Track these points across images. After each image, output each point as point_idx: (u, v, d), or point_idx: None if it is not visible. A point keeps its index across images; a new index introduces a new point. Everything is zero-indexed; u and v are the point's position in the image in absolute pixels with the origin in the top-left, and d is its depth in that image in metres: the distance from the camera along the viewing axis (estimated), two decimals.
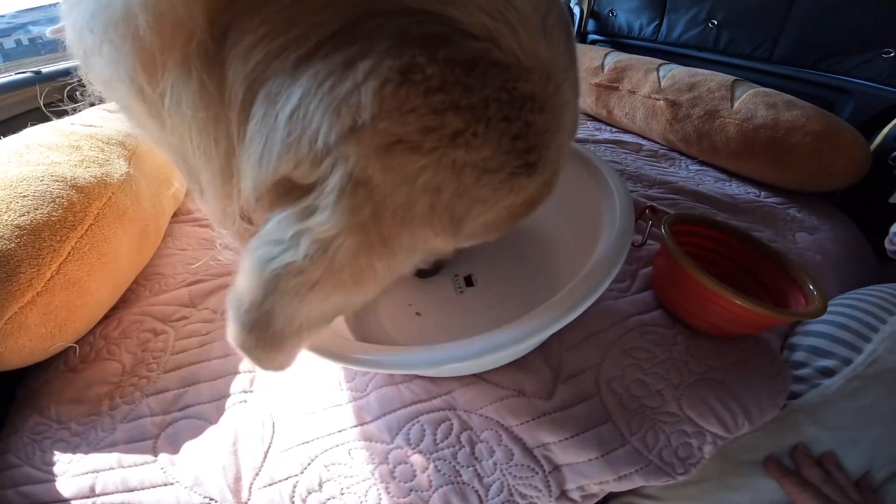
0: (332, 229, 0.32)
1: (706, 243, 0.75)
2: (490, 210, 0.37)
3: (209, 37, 0.34)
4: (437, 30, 0.30)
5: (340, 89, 0.30)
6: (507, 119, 0.33)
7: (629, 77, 1.66)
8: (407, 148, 0.31)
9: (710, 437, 0.60)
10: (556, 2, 0.36)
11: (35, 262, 0.60)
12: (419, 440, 0.58)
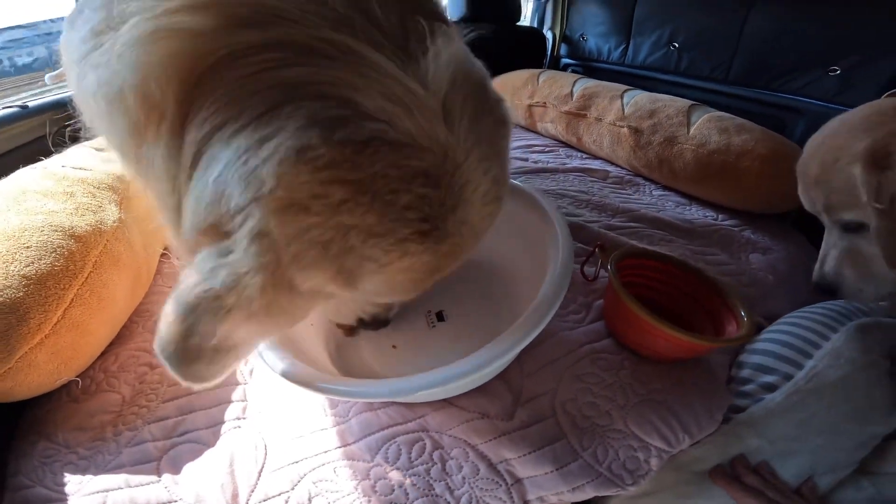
0: (244, 267, 0.40)
1: (652, 274, 0.84)
2: (386, 269, 0.42)
3: (176, 115, 0.42)
4: (341, 113, 0.37)
5: (251, 163, 0.38)
6: (395, 192, 0.39)
7: (596, 104, 1.75)
8: (299, 209, 0.38)
9: (655, 451, 0.68)
10: (465, 88, 0.41)
11: (42, 308, 0.67)
12: (396, 458, 0.65)
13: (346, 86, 0.38)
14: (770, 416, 0.80)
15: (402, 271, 0.43)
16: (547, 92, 2.00)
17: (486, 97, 0.45)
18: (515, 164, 1.67)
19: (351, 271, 0.42)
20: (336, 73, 0.38)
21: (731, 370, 0.90)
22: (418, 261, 0.43)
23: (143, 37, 0.41)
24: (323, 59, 0.38)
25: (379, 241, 0.40)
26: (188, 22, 0.40)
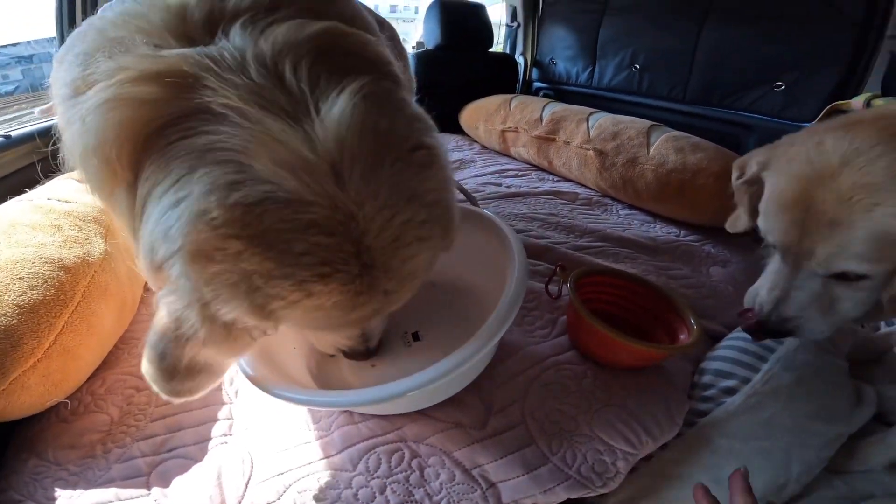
0: (181, 304, 0.48)
1: (612, 290, 0.90)
2: (297, 306, 0.48)
3: (130, 174, 0.50)
4: (237, 178, 0.43)
5: (169, 222, 0.45)
6: (289, 241, 0.44)
7: (564, 128, 1.83)
8: (207, 259, 0.45)
9: (621, 454, 0.73)
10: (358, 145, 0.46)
11: (35, 335, 0.71)
12: (377, 468, 0.69)
13: (244, 152, 0.44)
14: (731, 418, 0.86)
15: (315, 309, 0.49)
16: (518, 117, 2.08)
17: (389, 149, 0.48)
18: (489, 189, 1.74)
19: (262, 307, 0.48)
20: (237, 141, 0.44)
21: (694, 377, 0.96)
22: (329, 300, 0.48)
23: (101, 104, 0.48)
24: (230, 126, 0.45)
25: (280, 282, 0.46)
26: (138, 92, 0.47)
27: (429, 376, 0.59)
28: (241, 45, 0.49)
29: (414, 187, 0.50)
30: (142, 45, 0.51)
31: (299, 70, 0.48)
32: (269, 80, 0.47)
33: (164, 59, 0.48)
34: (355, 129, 0.46)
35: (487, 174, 1.95)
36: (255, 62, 0.48)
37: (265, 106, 0.45)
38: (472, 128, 2.43)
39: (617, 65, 2.24)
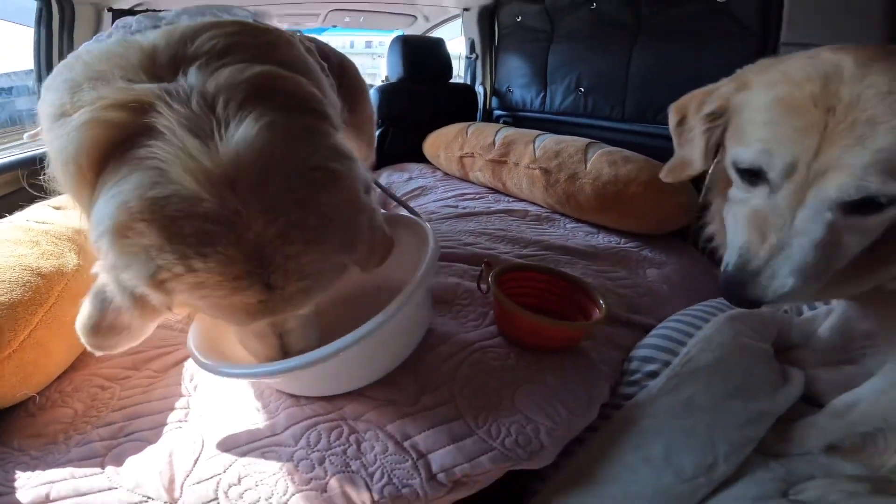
0: (105, 274, 0.64)
1: (534, 283, 1.01)
2: (180, 279, 0.59)
3: (94, 178, 0.62)
4: (157, 180, 0.57)
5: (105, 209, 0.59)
6: (181, 224, 0.56)
7: (514, 150, 1.98)
8: (121, 235, 0.58)
9: (544, 429, 0.81)
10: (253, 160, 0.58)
11: (13, 329, 0.80)
12: (317, 442, 0.77)
13: (165, 161, 0.57)
14: (654, 399, 0.95)
15: (199, 286, 0.60)
16: (474, 143, 2.22)
17: (284, 165, 0.61)
18: (446, 210, 1.87)
19: (154, 276, 0.59)
20: (163, 153, 0.57)
21: (623, 365, 1.06)
22: (209, 278, 0.59)
23: (82, 124, 0.61)
24: (163, 142, 0.58)
25: (168, 255, 0.57)
26: (109, 115, 0.60)
27: (335, 347, 0.69)
28: (194, 82, 0.63)
29: (306, 198, 0.62)
30: (119, 79, 0.64)
31: (230, 104, 0.61)
32: (203, 110, 0.60)
33: (133, 91, 0.61)
34: (252, 148, 0.58)
35: (447, 198, 2.08)
36: (198, 96, 0.61)
37: (192, 129, 0.58)
38: (434, 156, 2.57)
39: (564, 89, 2.41)
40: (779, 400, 0.97)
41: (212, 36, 0.69)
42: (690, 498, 0.84)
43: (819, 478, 0.88)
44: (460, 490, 0.77)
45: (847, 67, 0.61)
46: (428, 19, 3.55)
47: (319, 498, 0.71)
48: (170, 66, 0.66)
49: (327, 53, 1.34)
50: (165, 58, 0.66)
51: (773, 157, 0.65)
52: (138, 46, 0.67)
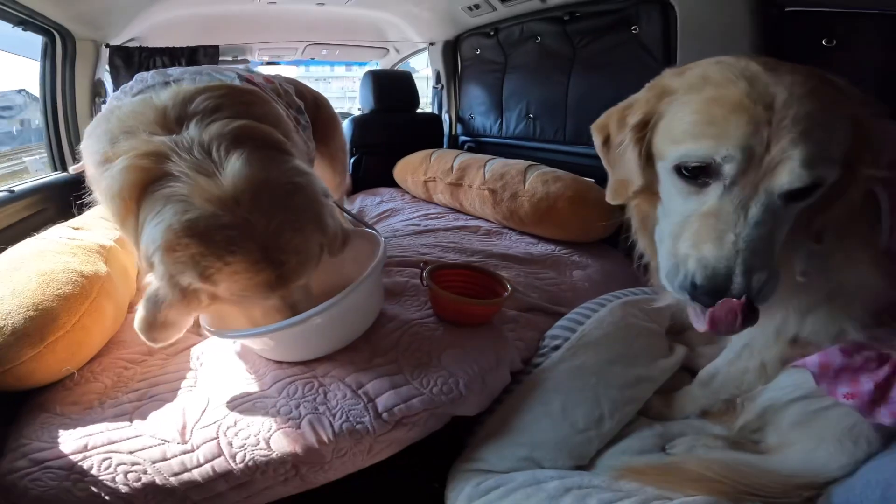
0: (158, 280, 0.89)
1: (461, 278, 1.30)
2: (223, 271, 0.86)
3: (136, 208, 0.90)
4: (186, 208, 0.83)
5: (154, 233, 0.85)
6: (212, 235, 0.83)
7: (468, 174, 2.26)
8: (172, 250, 0.84)
9: (461, 381, 1.08)
10: (247, 184, 0.87)
11: (66, 314, 1.05)
12: (294, 393, 1.04)
13: (189, 195, 0.84)
14: (555, 366, 1.21)
15: (233, 273, 0.88)
16: (436, 168, 2.51)
17: (267, 185, 0.89)
18: (409, 228, 2.16)
19: (203, 273, 0.87)
20: (185, 190, 0.85)
21: (539, 343, 1.32)
22: (240, 267, 0.87)
23: (121, 169, 0.88)
24: (182, 183, 0.85)
25: (210, 257, 0.85)
26: (140, 162, 0.88)
27: (306, 314, 0.98)
28: (194, 134, 0.92)
29: (286, 203, 0.92)
30: (142, 132, 0.93)
31: (220, 149, 0.91)
32: (203, 155, 0.90)
33: (153, 143, 0.91)
34: (242, 176, 0.88)
35: (412, 218, 2.37)
36: (197, 145, 0.91)
37: (199, 171, 0.87)
38: (403, 180, 2.85)
39: (517, 116, 2.71)
40: (657, 367, 1.21)
41: (205, 98, 0.99)
42: (586, 447, 1.07)
43: (689, 434, 1.09)
44: (401, 429, 1.03)
45: (759, 71, 0.67)
46: (399, 52, 3.87)
47: (294, 433, 0.97)
48: (177, 121, 0.96)
49: (303, 93, 1.65)
50: (173, 115, 0.96)
51: (730, 150, 0.64)
52: (153, 106, 0.97)
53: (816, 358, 0.90)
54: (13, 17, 1.82)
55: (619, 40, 2.09)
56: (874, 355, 0.86)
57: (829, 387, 0.89)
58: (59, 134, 2.14)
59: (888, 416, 0.84)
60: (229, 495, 0.94)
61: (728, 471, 0.92)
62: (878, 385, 0.84)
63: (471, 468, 1.06)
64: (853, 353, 0.87)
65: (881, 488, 0.81)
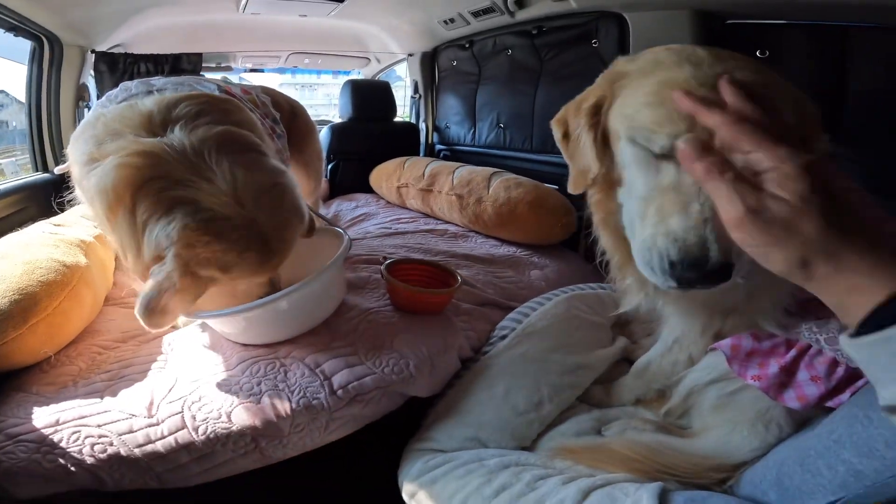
0: (169, 268, 0.94)
1: (417, 272, 1.41)
2: (239, 259, 0.98)
3: (129, 207, 0.97)
4: (196, 209, 0.93)
5: (166, 230, 0.93)
6: (226, 233, 0.95)
7: (438, 181, 2.37)
8: (191, 246, 0.93)
9: (412, 362, 1.17)
10: (246, 187, 0.98)
11: (48, 299, 1.14)
12: (257, 372, 1.13)
13: (195, 198, 0.94)
14: (500, 353, 1.30)
15: (244, 259, 0.99)
16: (409, 175, 2.61)
17: (257, 185, 1.00)
18: (381, 231, 2.27)
19: (223, 267, 0.98)
20: (193, 194, 0.94)
21: (490, 333, 1.42)
22: (250, 257, 0.99)
23: (114, 166, 0.96)
24: (186, 186, 0.94)
25: (228, 253, 0.96)
26: (134, 161, 0.95)
27: (268, 299, 1.09)
28: (180, 137, 1.01)
29: (278, 203, 1.04)
30: (129, 135, 1.02)
31: (210, 154, 1.00)
32: (198, 160, 0.98)
33: (143, 143, 0.99)
34: (238, 180, 0.98)
35: (385, 222, 2.48)
36: (189, 147, 0.99)
37: (200, 175, 0.97)
38: (378, 187, 2.96)
39: (489, 125, 2.83)
40: (596, 356, 1.30)
41: (187, 105, 1.08)
42: (527, 429, 1.15)
43: (622, 418, 1.16)
44: (356, 406, 1.11)
45: (705, 56, 0.71)
46: (380, 62, 4.00)
47: (255, 408, 1.05)
48: (161, 125, 1.04)
49: (280, 102, 1.75)
50: (158, 120, 1.05)
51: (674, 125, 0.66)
52: (139, 111, 1.06)
53: (729, 340, 0.98)
54: (5, 23, 1.91)
55: (581, 53, 2.23)
56: (782, 341, 0.94)
57: (739, 369, 0.96)
58: (42, 136, 2.21)
59: (794, 399, 0.89)
60: (191, 467, 1.02)
61: (649, 452, 1.00)
62: (783, 368, 0.90)
63: (421, 447, 1.14)
64: (762, 339, 0.95)
65: (776, 468, 0.87)
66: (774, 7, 1.67)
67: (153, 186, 0.96)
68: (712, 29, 1.79)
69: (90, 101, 2.42)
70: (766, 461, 0.92)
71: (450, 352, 1.26)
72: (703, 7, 1.78)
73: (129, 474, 0.98)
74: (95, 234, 1.54)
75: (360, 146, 3.16)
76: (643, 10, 1.94)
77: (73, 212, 1.71)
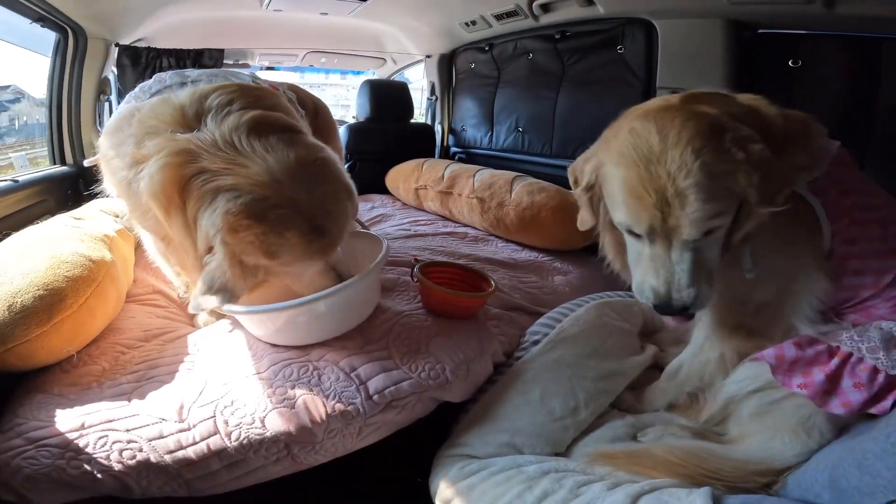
0: (220, 257, 0.95)
1: (448, 275, 1.38)
2: (283, 245, 0.97)
3: (179, 203, 0.97)
4: (238, 195, 0.93)
5: (212, 218, 0.94)
6: (267, 216, 0.94)
7: (458, 183, 2.35)
8: (234, 232, 0.94)
9: (448, 367, 1.15)
10: (290, 169, 0.97)
11: (74, 295, 1.10)
12: (290, 375, 1.09)
13: (234, 185, 0.94)
14: (534, 358, 1.28)
15: (290, 245, 0.97)
16: (427, 177, 2.59)
17: (299, 163, 0.99)
18: (400, 233, 2.25)
19: (267, 250, 0.96)
20: (230, 182, 0.94)
21: (520, 339, 1.40)
22: (294, 239, 0.97)
23: (158, 168, 0.95)
24: (223, 176, 0.95)
25: (271, 234, 0.94)
26: (173, 161, 0.95)
27: (305, 300, 1.06)
28: (212, 129, 1.00)
29: (320, 177, 1.01)
30: (165, 131, 1.00)
31: (241, 140, 0.98)
32: (229, 149, 0.97)
33: (180, 141, 0.98)
34: (277, 159, 0.96)
35: (403, 224, 2.45)
36: (220, 139, 0.98)
37: (234, 162, 0.96)
38: (395, 188, 2.93)
39: (507, 129, 2.82)
40: (629, 363, 1.30)
41: (218, 94, 1.06)
42: (563, 434, 1.13)
43: (658, 425, 1.16)
44: (390, 412, 1.09)
45: (655, 144, 0.85)
46: (396, 62, 3.98)
47: (289, 413, 1.02)
48: (194, 117, 1.03)
49: (304, 100, 1.73)
50: (191, 112, 1.03)
51: (638, 226, 0.89)
52: (172, 105, 1.04)
53: (772, 350, 0.99)
54: (32, 13, 1.88)
55: (605, 59, 2.22)
56: (824, 349, 0.96)
57: (784, 378, 0.98)
58: (61, 129, 2.19)
59: (839, 406, 0.92)
60: (221, 474, 0.99)
61: (691, 457, 1.00)
62: (828, 376, 0.93)
63: (455, 453, 1.12)
64: (805, 347, 0.97)
65: (829, 471, 0.87)
66: (809, 18, 1.66)
67: (196, 181, 0.95)
68: (744, 38, 1.78)
69: (111, 95, 2.41)
70: (816, 465, 0.94)
71: (485, 357, 1.24)
72: (735, 16, 1.76)
73: (158, 481, 0.96)
74: (117, 228, 1.51)
75: (377, 146, 3.14)
76: (673, 18, 1.92)
77: (91, 205, 1.69)
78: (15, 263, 1.10)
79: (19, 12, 1.86)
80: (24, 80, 2.47)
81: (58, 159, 2.22)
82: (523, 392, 1.20)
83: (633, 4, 2.01)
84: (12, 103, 2.55)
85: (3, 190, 1.65)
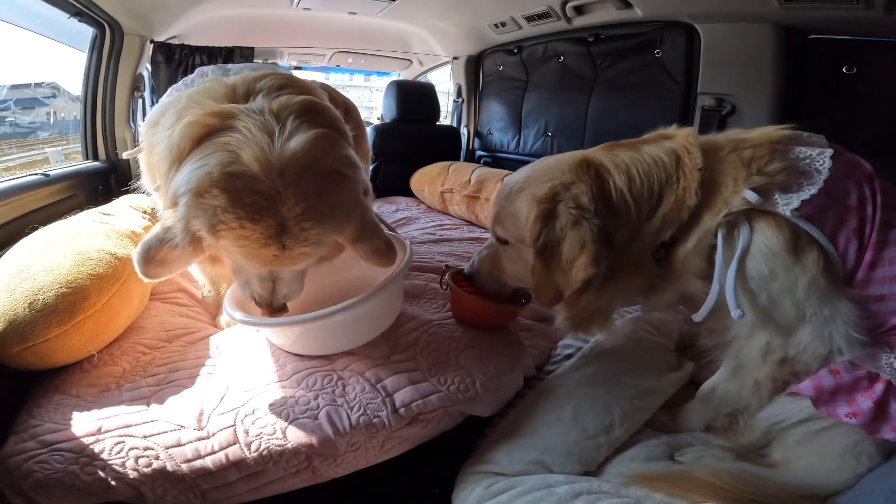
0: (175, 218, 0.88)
1: None
2: (234, 232, 0.85)
3: (189, 153, 0.88)
4: (232, 159, 0.84)
5: (191, 174, 0.85)
6: (242, 194, 0.83)
7: (486, 188, 2.29)
8: (199, 196, 0.84)
9: (479, 381, 1.09)
10: (297, 159, 0.86)
11: (97, 294, 1.07)
12: (313, 385, 1.05)
13: (240, 148, 0.85)
14: (567, 373, 1.23)
15: (242, 238, 0.86)
16: (454, 180, 2.54)
17: (315, 167, 0.89)
18: (426, 237, 2.20)
19: (213, 227, 0.85)
20: (239, 142, 0.85)
21: (551, 352, 1.35)
22: (251, 234, 0.85)
23: (186, 125, 0.89)
24: (241, 135, 0.87)
25: (229, 214, 0.83)
26: (205, 119, 0.89)
27: (326, 311, 1.01)
28: (261, 105, 0.93)
29: (323, 191, 0.90)
30: (210, 103, 0.95)
31: (290, 116, 0.92)
32: (273, 120, 0.90)
33: (221, 107, 0.92)
34: (301, 152, 0.88)
35: (428, 227, 2.41)
36: (267, 111, 0.92)
37: (262, 128, 0.88)
38: (420, 191, 2.89)
39: (535, 133, 2.76)
40: (666, 380, 1.23)
41: (270, 79, 1.02)
42: (595, 453, 1.08)
43: (695, 445, 1.11)
44: (416, 426, 1.04)
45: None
46: (422, 64, 3.95)
47: (312, 424, 0.98)
48: (244, 96, 0.98)
49: (336, 99, 1.69)
50: (242, 91, 0.98)
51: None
52: (224, 84, 1.00)
53: (809, 382, 0.95)
54: (71, 8, 1.89)
55: (641, 63, 2.14)
56: (864, 374, 0.92)
57: (828, 409, 0.94)
58: (95, 124, 2.20)
59: (890, 431, 0.89)
60: (238, 485, 0.95)
61: (736, 480, 0.95)
62: (876, 403, 0.90)
63: (481, 470, 1.07)
64: (842, 373, 0.93)
65: (884, 496, 0.85)
66: (864, 24, 1.58)
67: (213, 137, 0.88)
68: (794, 44, 1.70)
69: (144, 92, 2.42)
70: (870, 490, 0.91)
71: (516, 371, 1.18)
72: (785, 21, 1.68)
73: (173, 490, 0.92)
74: (145, 224, 1.49)
75: (403, 147, 3.11)
76: (718, 21, 1.84)
77: (121, 201, 1.67)
78: (39, 259, 1.08)
79: (59, 7, 1.87)
80: (61, 76, 2.49)
81: (90, 154, 2.23)
82: (555, 408, 1.15)
83: (673, 7, 1.93)
84: (49, 99, 2.58)
85: (34, 184, 1.64)
